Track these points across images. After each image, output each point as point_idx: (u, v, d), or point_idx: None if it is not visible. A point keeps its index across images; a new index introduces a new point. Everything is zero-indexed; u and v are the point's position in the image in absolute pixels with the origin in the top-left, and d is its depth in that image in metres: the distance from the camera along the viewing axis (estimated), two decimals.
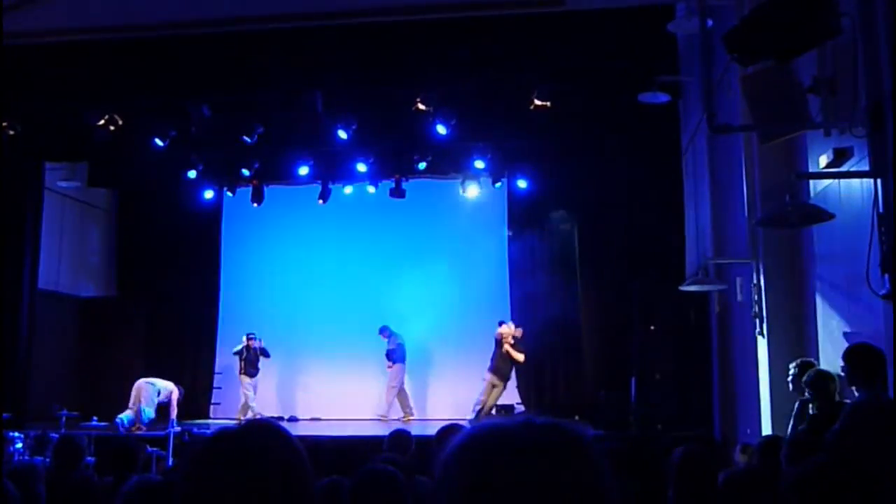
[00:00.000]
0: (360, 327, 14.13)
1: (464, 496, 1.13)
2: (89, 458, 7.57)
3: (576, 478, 1.13)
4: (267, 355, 14.13)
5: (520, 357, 12.87)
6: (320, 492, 3.24)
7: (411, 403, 13.93)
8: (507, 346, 12.80)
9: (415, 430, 5.86)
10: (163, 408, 12.28)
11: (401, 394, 13.89)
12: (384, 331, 14.00)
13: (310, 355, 14.47)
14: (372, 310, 14.23)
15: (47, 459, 7.28)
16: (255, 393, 14.02)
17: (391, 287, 14.32)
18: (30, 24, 9.74)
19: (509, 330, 12.97)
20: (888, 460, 4.05)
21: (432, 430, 5.21)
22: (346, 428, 12.94)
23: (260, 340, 14.07)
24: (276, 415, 13.57)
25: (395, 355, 13.86)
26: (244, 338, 14.02)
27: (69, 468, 5.47)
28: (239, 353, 14.06)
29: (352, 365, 14.12)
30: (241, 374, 14.05)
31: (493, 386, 12.78)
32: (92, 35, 10.78)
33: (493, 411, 12.66)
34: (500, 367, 12.82)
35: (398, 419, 13.44)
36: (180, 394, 12.48)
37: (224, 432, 1.60)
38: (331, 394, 14.25)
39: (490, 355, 13.02)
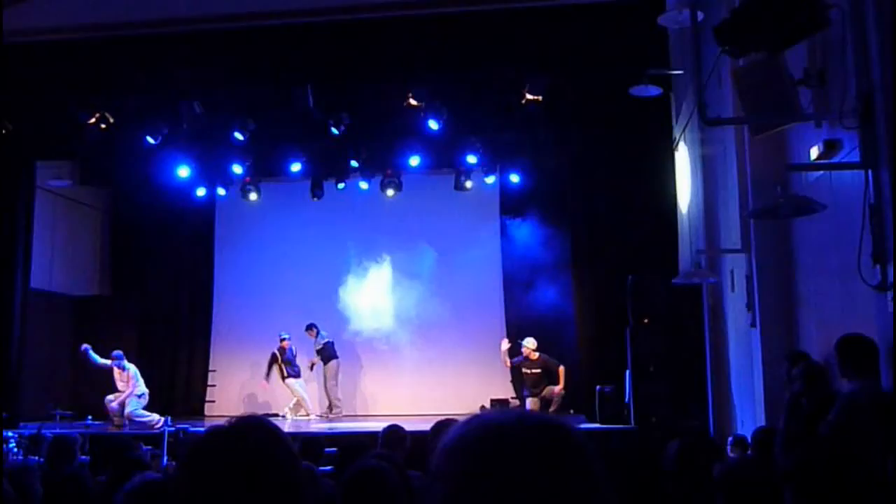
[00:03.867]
0: (354, 323, 14.12)
1: (458, 495, 1.13)
2: (83, 458, 7.55)
3: (570, 476, 1.14)
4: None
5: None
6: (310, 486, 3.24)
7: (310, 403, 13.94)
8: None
9: (410, 426, 5.85)
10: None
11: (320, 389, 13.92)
12: (313, 327, 13.85)
13: (303, 352, 14.45)
14: (366, 305, 14.23)
15: (41, 459, 7.26)
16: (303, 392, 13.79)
17: (385, 282, 14.32)
18: (21, 23, 9.71)
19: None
20: (881, 450, 4.07)
21: (428, 425, 5.20)
22: (342, 425, 12.96)
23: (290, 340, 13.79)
24: (270, 412, 13.56)
25: (326, 353, 13.79)
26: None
27: (63, 467, 5.46)
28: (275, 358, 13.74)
29: (345, 361, 14.10)
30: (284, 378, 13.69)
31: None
32: (82, 33, 10.76)
33: (488, 405, 12.68)
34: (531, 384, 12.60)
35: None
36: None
37: (216, 430, 1.61)
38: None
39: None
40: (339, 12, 10.60)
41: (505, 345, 12.84)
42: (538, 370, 12.37)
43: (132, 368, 12.52)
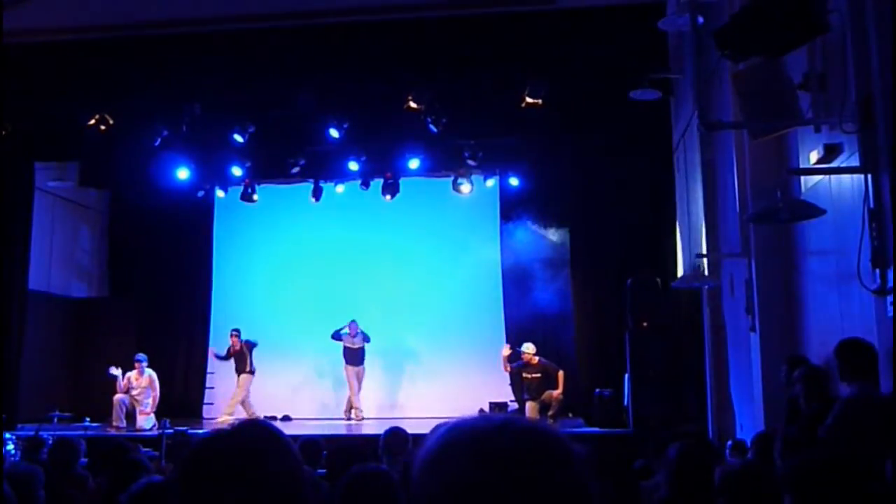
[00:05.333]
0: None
1: (441, 499, 1.10)
2: (82, 460, 7.54)
3: (556, 482, 1.10)
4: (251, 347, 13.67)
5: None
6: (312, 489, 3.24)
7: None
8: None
9: (408, 428, 5.84)
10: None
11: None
12: (354, 326, 13.73)
13: (302, 355, 14.44)
14: (365, 308, 14.21)
15: (40, 459, 7.24)
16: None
17: (384, 285, 14.31)
18: (21, 23, 9.71)
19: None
20: (880, 453, 4.07)
21: (426, 427, 5.19)
22: (340, 427, 12.95)
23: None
24: (269, 414, 13.52)
25: (364, 354, 13.80)
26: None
27: (66, 470, 5.45)
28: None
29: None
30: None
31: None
32: (83, 34, 10.76)
33: (487, 408, 12.67)
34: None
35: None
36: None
37: (218, 433, 1.60)
38: (324, 393, 14.26)
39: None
40: (338, 14, 10.61)
41: (505, 351, 12.83)
42: (538, 374, 12.36)
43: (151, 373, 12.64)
